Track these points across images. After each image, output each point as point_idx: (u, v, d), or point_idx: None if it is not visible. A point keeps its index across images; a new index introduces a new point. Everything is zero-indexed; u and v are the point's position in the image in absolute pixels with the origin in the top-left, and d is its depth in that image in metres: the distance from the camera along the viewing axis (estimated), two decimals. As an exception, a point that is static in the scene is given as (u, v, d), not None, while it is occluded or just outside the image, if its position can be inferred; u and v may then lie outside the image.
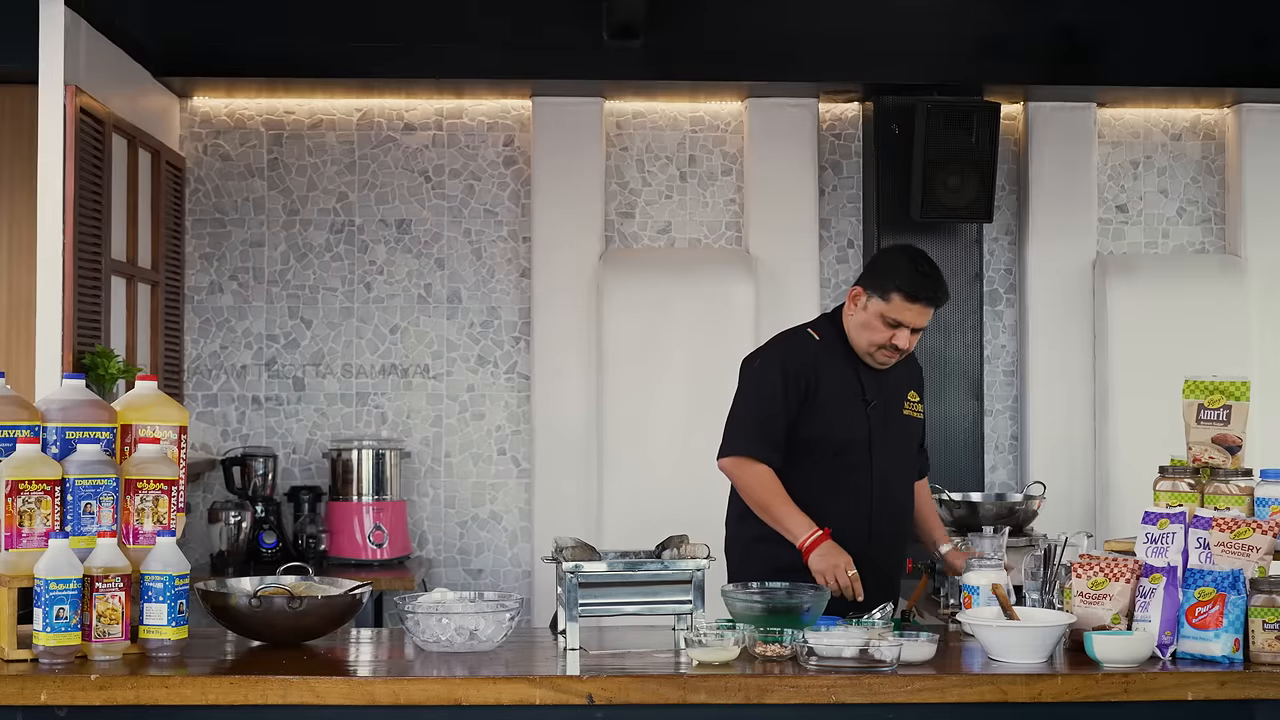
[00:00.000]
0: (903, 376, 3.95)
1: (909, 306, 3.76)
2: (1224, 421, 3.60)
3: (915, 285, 3.75)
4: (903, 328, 3.77)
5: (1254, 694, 2.92)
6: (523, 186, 6.11)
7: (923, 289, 3.76)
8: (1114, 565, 3.12)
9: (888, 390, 3.89)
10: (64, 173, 4.65)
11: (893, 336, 3.77)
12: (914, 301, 3.75)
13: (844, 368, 3.85)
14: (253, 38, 5.72)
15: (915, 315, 3.77)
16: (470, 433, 6.09)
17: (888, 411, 3.88)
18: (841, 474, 3.81)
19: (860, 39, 5.84)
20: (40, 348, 4.65)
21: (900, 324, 3.76)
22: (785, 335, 3.97)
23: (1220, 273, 6.12)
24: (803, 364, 3.82)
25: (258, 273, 6.08)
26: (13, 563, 2.97)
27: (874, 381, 3.87)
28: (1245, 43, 5.89)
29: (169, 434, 3.20)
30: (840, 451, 3.82)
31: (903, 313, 3.76)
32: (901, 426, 3.92)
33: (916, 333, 3.82)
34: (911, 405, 3.95)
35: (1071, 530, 3.61)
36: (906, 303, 3.75)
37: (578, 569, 3.19)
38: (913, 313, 3.77)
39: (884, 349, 3.80)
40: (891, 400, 3.89)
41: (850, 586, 3.56)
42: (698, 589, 3.21)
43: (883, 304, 3.76)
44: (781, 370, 3.81)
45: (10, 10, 4.68)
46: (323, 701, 2.84)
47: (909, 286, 3.75)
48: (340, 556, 5.68)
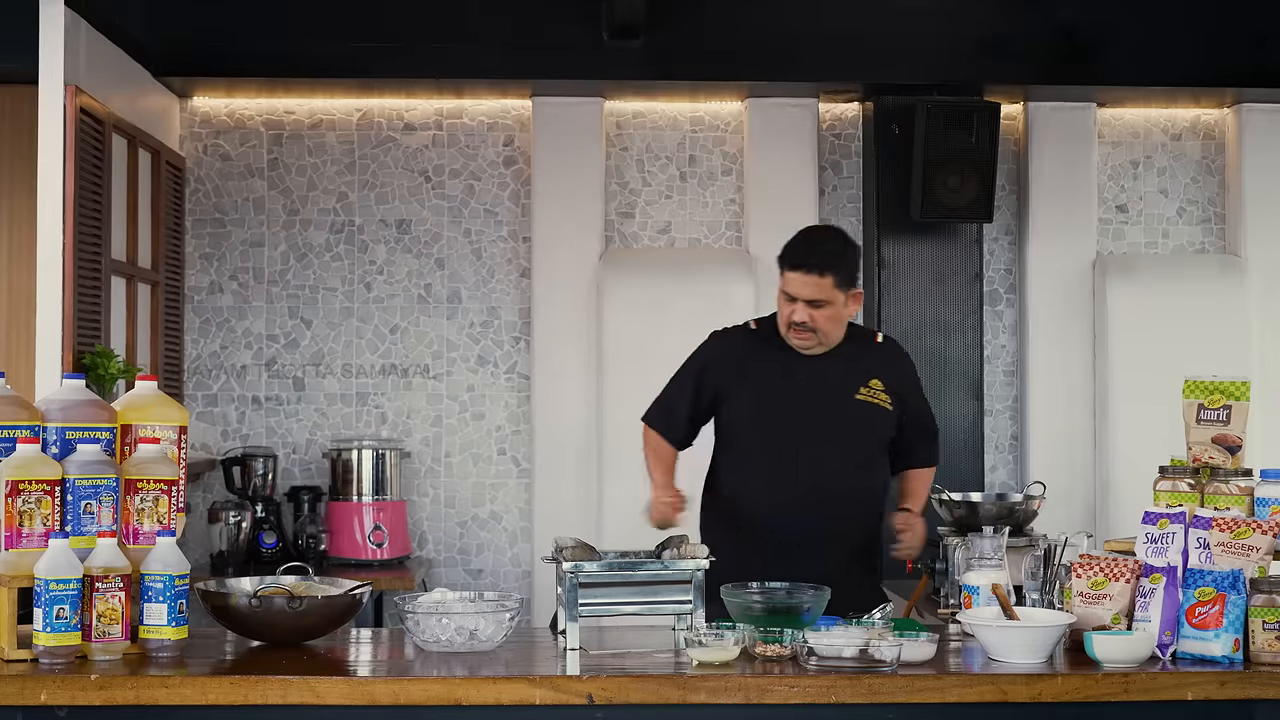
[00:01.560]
0: (863, 364, 3.90)
1: (792, 276, 3.76)
2: (1224, 421, 3.59)
3: (793, 252, 3.79)
4: (798, 301, 3.76)
5: (1254, 694, 2.92)
6: (523, 186, 6.11)
7: (794, 254, 3.77)
8: (1114, 565, 3.12)
9: (832, 377, 3.85)
10: (64, 173, 4.65)
11: (792, 312, 3.78)
12: (795, 270, 3.76)
13: (774, 355, 3.87)
14: (253, 38, 5.72)
15: (800, 285, 3.75)
16: (470, 433, 6.09)
17: (829, 398, 3.84)
18: (767, 459, 3.83)
19: (860, 39, 5.84)
20: (40, 348, 4.65)
21: (793, 296, 3.77)
22: (729, 327, 4.03)
23: (1220, 273, 6.12)
24: (727, 354, 3.93)
25: (258, 273, 6.08)
26: (13, 563, 2.97)
27: (812, 369, 3.85)
28: (1245, 43, 5.89)
29: (169, 434, 3.20)
30: (765, 436, 3.85)
31: (790, 284, 3.77)
32: (852, 413, 3.86)
33: (819, 307, 3.77)
34: (874, 392, 3.88)
35: (1071, 530, 3.61)
36: (790, 272, 3.77)
37: (578, 569, 3.19)
38: (798, 282, 3.75)
39: (792, 328, 3.80)
40: (837, 387, 3.85)
41: (664, 510, 3.68)
42: (698, 589, 3.21)
43: (781, 279, 3.81)
44: (703, 360, 3.97)
45: (10, 10, 4.68)
46: (323, 701, 2.84)
47: (788, 255, 3.80)
48: (340, 556, 5.68)
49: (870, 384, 3.88)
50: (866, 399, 3.87)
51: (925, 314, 5.99)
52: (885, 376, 3.91)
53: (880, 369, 3.92)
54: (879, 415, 3.89)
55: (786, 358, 3.87)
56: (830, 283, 3.77)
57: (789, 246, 3.83)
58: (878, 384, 3.89)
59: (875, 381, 3.89)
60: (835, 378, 3.86)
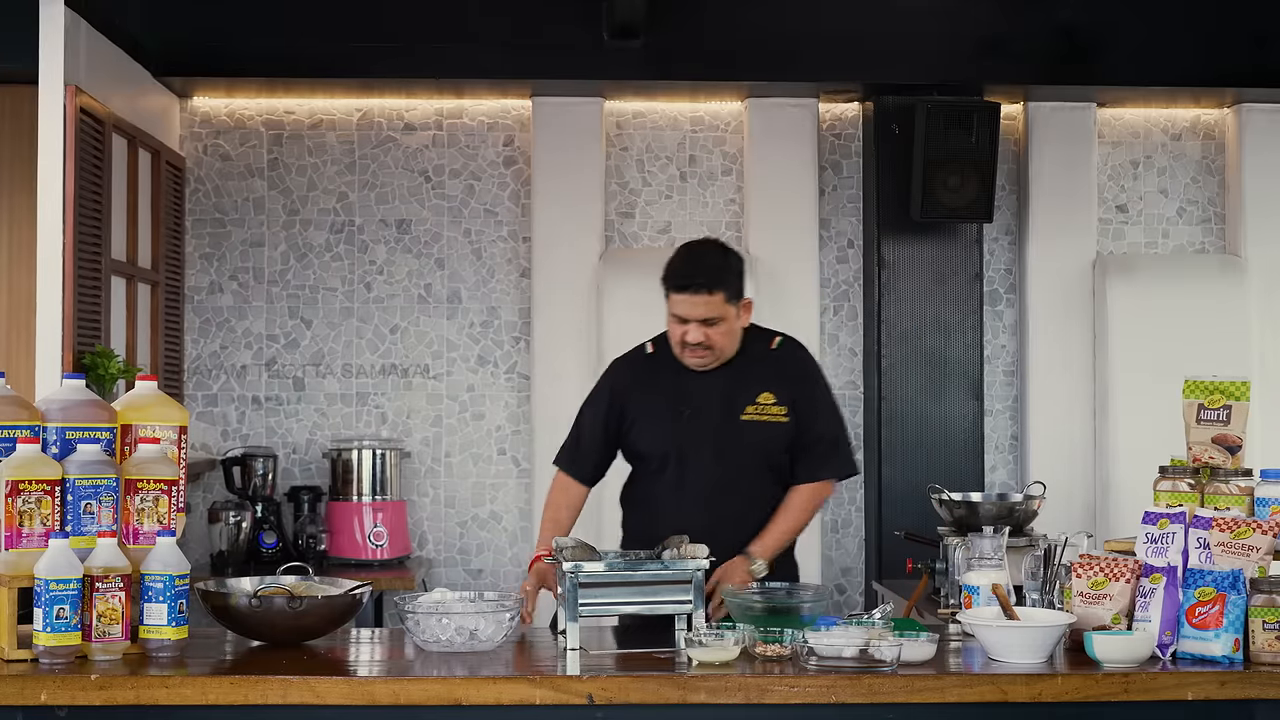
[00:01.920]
0: (754, 377, 3.80)
1: (680, 298, 3.71)
2: (1224, 421, 3.60)
3: (677, 275, 3.72)
4: (688, 322, 3.71)
5: (1254, 694, 2.92)
6: (523, 186, 6.11)
7: (679, 277, 3.70)
8: (1114, 565, 3.12)
9: (719, 397, 3.78)
10: (64, 173, 4.65)
11: (684, 333, 3.72)
12: (681, 291, 3.70)
13: (669, 380, 3.81)
14: (252, 38, 5.72)
15: (688, 306, 3.69)
16: (470, 433, 6.09)
17: (714, 420, 3.77)
18: (659, 485, 3.81)
19: (860, 39, 5.84)
20: (40, 348, 4.65)
21: (684, 319, 3.72)
22: (627, 352, 3.98)
23: (1220, 273, 6.12)
24: (621, 381, 3.90)
25: (258, 273, 6.08)
26: (13, 563, 2.97)
27: (701, 389, 3.78)
28: (1245, 43, 5.89)
29: (169, 434, 3.20)
30: (654, 464, 3.82)
31: (679, 306, 3.72)
32: (737, 434, 3.76)
33: (712, 325, 3.70)
34: (762, 408, 3.77)
35: (1071, 530, 3.61)
36: (677, 295, 3.72)
37: (578, 569, 3.19)
38: (685, 304, 3.69)
39: (685, 348, 3.75)
40: (724, 408, 3.77)
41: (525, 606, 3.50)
42: (698, 589, 3.21)
43: (668, 302, 3.76)
44: (606, 387, 3.93)
45: (10, 10, 4.68)
46: (323, 701, 2.84)
47: (672, 278, 3.73)
48: (340, 556, 5.68)
49: (759, 399, 3.78)
50: (754, 417, 3.77)
51: (925, 314, 5.99)
52: (777, 388, 3.80)
53: (772, 380, 3.81)
54: (769, 431, 3.78)
55: (678, 380, 3.81)
56: (720, 299, 3.70)
57: (671, 268, 3.74)
58: (768, 397, 3.79)
59: (765, 395, 3.79)
60: (723, 398, 3.78)
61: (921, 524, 4.73)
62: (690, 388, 3.80)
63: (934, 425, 5.97)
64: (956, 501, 4.29)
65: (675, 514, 3.71)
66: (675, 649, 3.13)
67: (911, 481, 5.76)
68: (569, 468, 3.93)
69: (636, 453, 3.89)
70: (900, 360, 5.98)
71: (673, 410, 3.80)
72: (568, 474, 3.93)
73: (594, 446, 3.91)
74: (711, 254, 3.81)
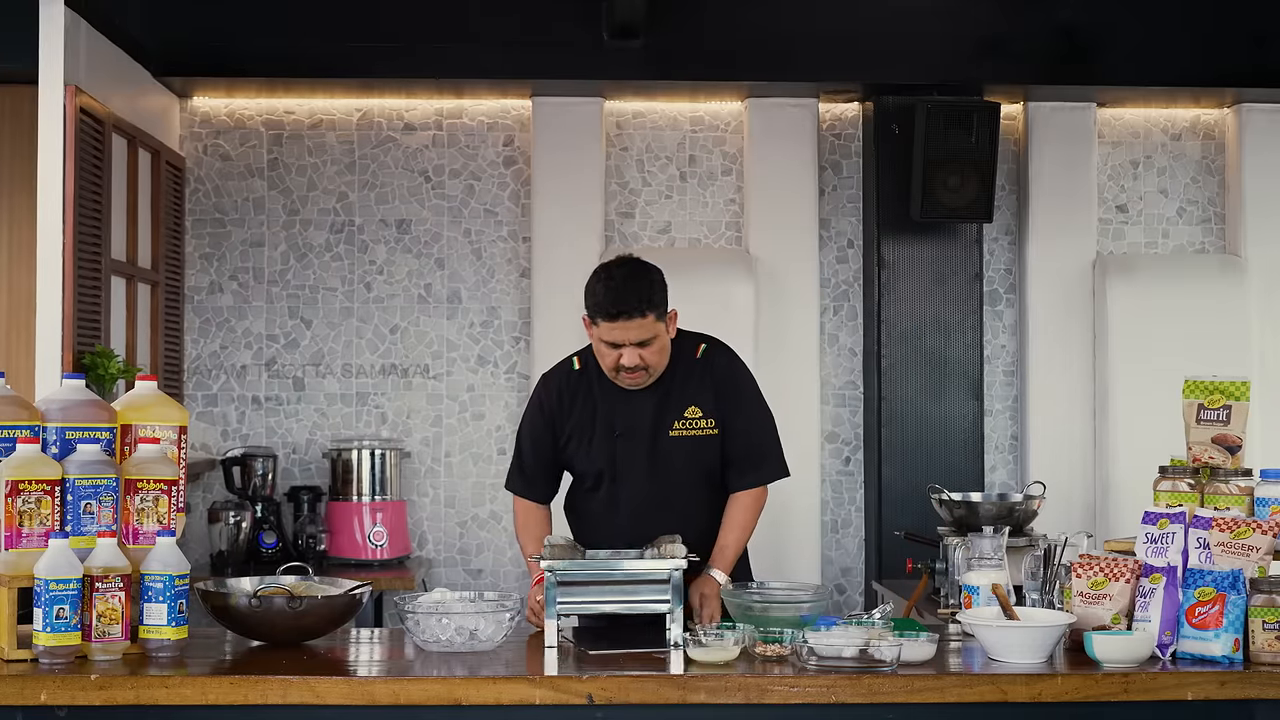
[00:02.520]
0: (681, 391, 3.74)
1: (611, 325, 3.61)
2: (1224, 421, 3.60)
3: (608, 303, 3.60)
4: (623, 346, 3.64)
5: (1254, 694, 2.92)
6: (523, 186, 6.11)
7: (610, 305, 3.60)
8: (1114, 565, 3.12)
9: (648, 415, 3.73)
10: (64, 173, 4.65)
11: (619, 357, 3.65)
12: (612, 319, 3.60)
13: (598, 399, 3.77)
14: (253, 38, 5.72)
15: (622, 331, 3.60)
16: (470, 433, 6.09)
17: (644, 438, 3.73)
18: (597, 504, 3.78)
19: (860, 39, 5.84)
20: (40, 348, 4.65)
21: (617, 344, 3.64)
22: (554, 368, 3.91)
23: (1220, 273, 6.12)
24: (551, 400, 3.82)
25: (258, 273, 6.08)
26: (13, 563, 2.97)
27: (629, 408, 3.74)
28: (1245, 43, 5.89)
29: (169, 434, 3.20)
30: (591, 484, 3.79)
31: (610, 333, 3.62)
32: (669, 450, 3.72)
33: (647, 346, 3.63)
34: (689, 423, 3.72)
35: (1071, 530, 3.61)
36: (608, 323, 3.61)
37: (554, 568, 3.18)
38: (619, 329, 3.60)
39: (620, 371, 3.68)
40: (652, 425, 3.72)
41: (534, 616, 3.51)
42: (676, 588, 3.19)
43: (595, 329, 3.67)
44: (537, 405, 3.85)
45: (10, 10, 4.68)
46: (323, 701, 2.84)
47: (602, 307, 3.61)
48: (340, 556, 5.68)
49: (686, 414, 3.73)
50: (682, 432, 3.72)
51: (925, 314, 5.99)
52: (703, 400, 3.74)
53: (698, 392, 3.75)
54: (699, 444, 3.74)
55: (607, 399, 3.77)
56: (652, 319, 3.62)
57: (596, 298, 3.64)
58: (695, 411, 3.73)
59: (692, 409, 3.73)
60: (652, 416, 3.73)
61: (921, 524, 4.73)
62: (620, 407, 3.75)
63: (934, 425, 5.97)
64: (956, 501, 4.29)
65: (610, 530, 3.69)
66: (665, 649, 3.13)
67: (911, 481, 5.76)
68: (524, 492, 3.87)
69: (572, 470, 3.86)
70: (900, 360, 5.98)
71: (603, 431, 3.75)
72: (524, 498, 3.88)
73: (539, 466, 3.84)
74: (636, 275, 3.67)
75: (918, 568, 4.22)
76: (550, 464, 3.85)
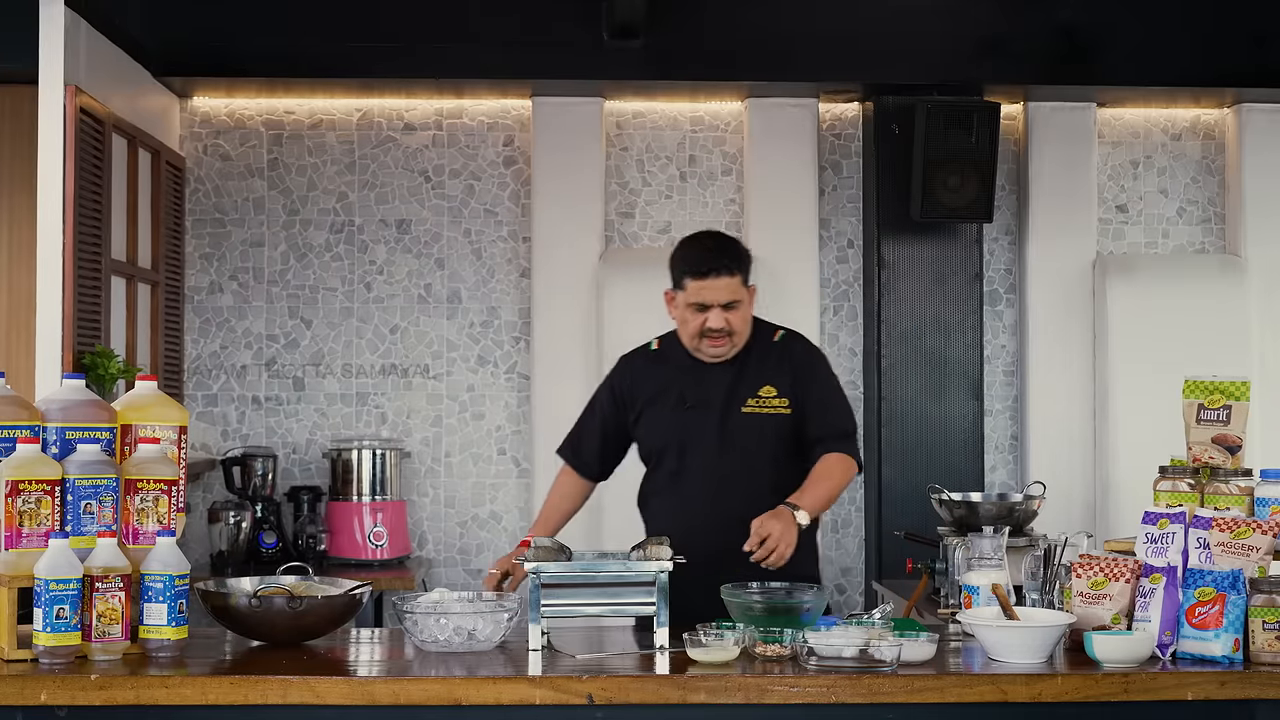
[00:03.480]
0: (756, 370, 3.80)
1: (702, 284, 3.70)
2: (1224, 421, 3.60)
3: (698, 261, 3.72)
4: (711, 307, 3.71)
5: (1254, 694, 2.92)
6: (523, 186, 6.11)
7: (705, 261, 3.71)
8: (1114, 565, 3.12)
9: (721, 391, 3.78)
10: (64, 173, 4.65)
11: (705, 320, 3.72)
12: (704, 277, 3.70)
13: (672, 374, 3.82)
14: (253, 38, 5.72)
15: (714, 291, 3.70)
16: (470, 433, 6.09)
17: (715, 413, 3.77)
18: (665, 479, 3.82)
19: (860, 39, 5.84)
20: (40, 348, 4.65)
21: (705, 305, 3.72)
22: (633, 350, 3.99)
23: (1220, 273, 6.12)
24: (625, 378, 3.91)
25: (258, 273, 6.08)
26: (13, 563, 2.97)
27: (704, 384, 3.79)
28: (1245, 43, 5.89)
29: (169, 434, 3.20)
30: (659, 459, 3.84)
31: (700, 293, 3.71)
32: (740, 425, 3.76)
33: (732, 309, 3.72)
34: (763, 402, 3.77)
35: (1071, 530, 3.61)
36: (699, 281, 3.71)
37: (539, 570, 3.17)
38: (710, 288, 3.70)
39: (705, 337, 3.74)
40: (725, 400, 3.77)
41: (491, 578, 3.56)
42: (661, 591, 3.18)
43: (683, 294, 3.75)
44: (609, 387, 3.94)
45: (10, 10, 4.68)
46: (323, 701, 2.84)
47: (693, 265, 3.72)
48: (340, 556, 5.69)
49: (760, 392, 3.78)
50: (755, 409, 3.77)
51: (925, 314, 5.99)
52: (779, 380, 3.79)
53: (774, 372, 3.80)
54: (770, 422, 3.77)
55: (682, 375, 3.82)
56: (739, 281, 3.74)
57: (688, 257, 3.76)
58: (770, 390, 3.78)
59: (767, 388, 3.78)
60: (724, 391, 3.78)
61: (921, 524, 4.73)
62: (694, 382, 3.81)
63: (934, 425, 5.97)
64: (956, 501, 4.29)
65: (679, 508, 3.74)
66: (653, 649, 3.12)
67: (911, 481, 5.76)
68: (571, 459, 3.98)
69: (642, 445, 3.90)
70: (900, 360, 5.98)
71: (675, 403, 3.81)
72: (570, 465, 3.99)
73: (592, 440, 3.94)
74: (724, 238, 3.86)
75: (918, 568, 4.22)
76: (604, 440, 3.92)
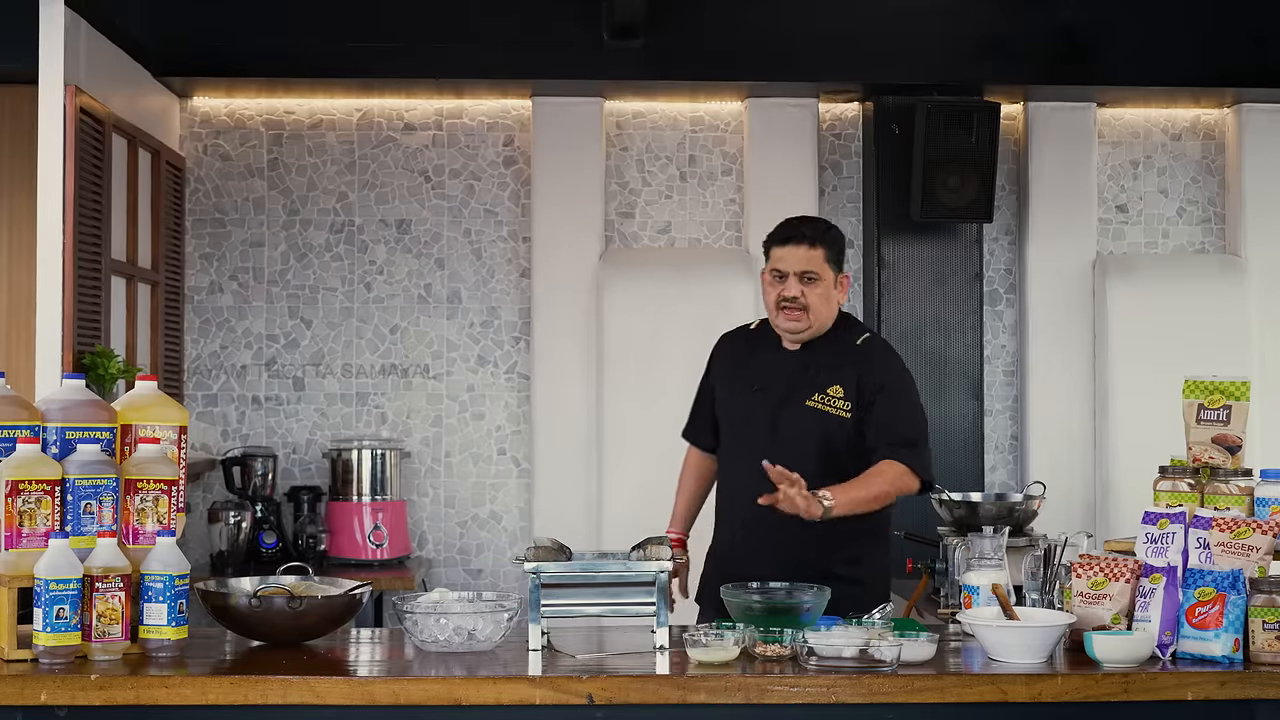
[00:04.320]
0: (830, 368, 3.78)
1: (783, 251, 3.79)
2: (1224, 421, 3.60)
3: (781, 229, 3.85)
4: (788, 276, 3.78)
5: (1254, 694, 2.92)
6: (523, 186, 6.11)
7: (786, 228, 3.84)
8: (1114, 565, 3.12)
9: (790, 380, 3.79)
10: (64, 173, 4.65)
11: (782, 289, 3.79)
12: (785, 244, 3.79)
13: (755, 354, 3.90)
14: (253, 38, 5.72)
15: (791, 258, 3.77)
16: (470, 433, 6.09)
17: (783, 400, 3.79)
18: (728, 460, 3.91)
19: (859, 39, 5.84)
20: (40, 348, 4.65)
21: (783, 273, 3.79)
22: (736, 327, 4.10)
23: (1220, 273, 6.12)
24: (717, 353, 4.03)
25: (258, 273, 6.08)
26: (13, 563, 2.97)
27: (777, 369, 3.83)
28: (1245, 43, 5.89)
29: (169, 434, 3.20)
30: (726, 437, 3.93)
31: (780, 260, 3.79)
32: (798, 418, 3.76)
33: (811, 283, 3.75)
34: (828, 399, 3.75)
35: (1071, 530, 3.61)
36: (780, 248, 3.80)
37: (539, 570, 3.17)
38: (789, 255, 3.78)
39: (782, 309, 3.79)
40: (790, 391, 3.78)
41: None
42: (661, 591, 3.17)
43: (768, 264, 3.85)
44: (709, 362, 4.06)
45: (10, 10, 4.68)
46: (323, 701, 2.84)
47: (776, 233, 3.85)
48: (340, 556, 5.68)
49: (829, 390, 3.76)
50: (817, 405, 3.76)
51: (925, 314, 5.99)
52: (849, 383, 3.76)
53: (846, 375, 3.77)
54: (828, 423, 3.75)
55: (761, 356, 3.88)
56: (821, 256, 3.77)
57: (776, 228, 3.88)
58: (837, 390, 3.76)
59: (835, 388, 3.76)
60: (792, 381, 3.80)
61: (921, 524, 4.73)
62: (767, 365, 3.86)
63: (934, 425, 5.89)
64: (956, 501, 4.29)
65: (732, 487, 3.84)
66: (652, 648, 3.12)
67: (911, 481, 5.75)
68: (690, 437, 4.09)
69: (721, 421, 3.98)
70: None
71: (744, 385, 3.87)
72: (692, 444, 4.10)
73: (702, 417, 4.03)
74: (816, 220, 3.99)
75: (918, 568, 4.22)
76: (712, 414, 4.01)
